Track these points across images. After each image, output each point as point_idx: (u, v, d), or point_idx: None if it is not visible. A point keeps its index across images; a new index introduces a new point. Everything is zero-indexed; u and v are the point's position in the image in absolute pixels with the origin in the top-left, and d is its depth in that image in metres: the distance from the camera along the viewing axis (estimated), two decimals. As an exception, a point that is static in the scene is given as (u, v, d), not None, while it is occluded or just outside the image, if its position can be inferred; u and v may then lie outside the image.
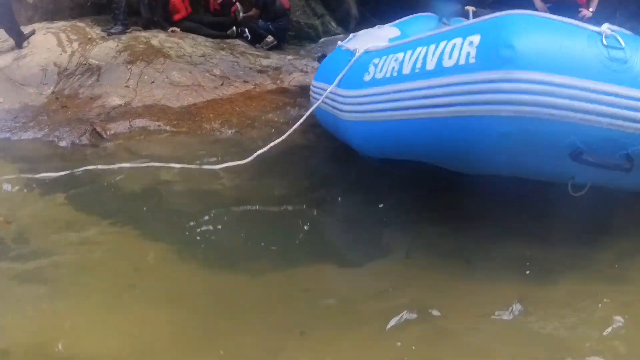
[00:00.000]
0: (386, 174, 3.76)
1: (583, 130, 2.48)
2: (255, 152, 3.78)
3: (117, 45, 5.94)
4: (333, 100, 3.77)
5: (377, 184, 3.72)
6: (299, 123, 3.92)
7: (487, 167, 2.85)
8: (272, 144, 3.83)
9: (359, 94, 3.42)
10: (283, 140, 3.86)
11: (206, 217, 3.27)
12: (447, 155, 2.96)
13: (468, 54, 2.61)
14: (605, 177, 2.66)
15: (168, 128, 4.71)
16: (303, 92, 5.53)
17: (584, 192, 2.73)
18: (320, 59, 5.14)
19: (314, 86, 4.32)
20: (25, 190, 3.74)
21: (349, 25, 7.29)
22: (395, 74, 3.10)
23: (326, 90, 3.82)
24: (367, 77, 3.38)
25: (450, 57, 2.70)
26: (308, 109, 4.64)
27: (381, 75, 3.24)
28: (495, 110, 2.50)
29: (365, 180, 3.82)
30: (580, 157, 2.51)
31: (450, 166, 3.12)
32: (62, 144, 4.56)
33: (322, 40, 7.11)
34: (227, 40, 6.55)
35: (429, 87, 2.80)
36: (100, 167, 3.88)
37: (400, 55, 3.13)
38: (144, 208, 3.52)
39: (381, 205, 3.39)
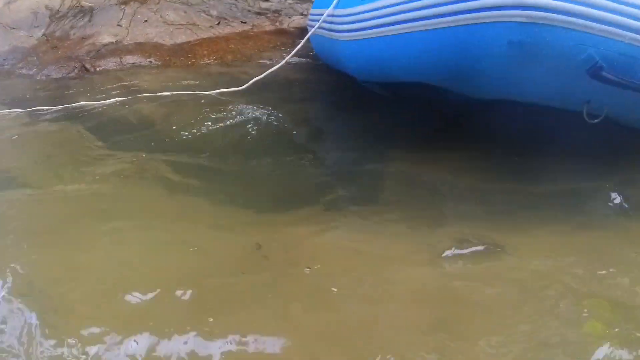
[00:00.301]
0: (385, 104, 3.53)
1: (603, 44, 2.19)
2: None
3: (111, -13, 5.71)
4: (330, 22, 3.55)
5: (376, 115, 3.49)
6: (297, 48, 3.73)
7: (495, 87, 2.59)
8: (269, 70, 3.64)
9: (357, 10, 3.19)
10: (280, 75, 3.66)
11: (199, 142, 3.06)
12: (452, 73, 2.67)
13: None
14: (624, 104, 2.40)
15: (160, 64, 4.51)
16: (303, 34, 5.29)
17: (600, 119, 2.45)
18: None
19: (312, 14, 4.09)
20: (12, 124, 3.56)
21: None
22: None
23: (323, 14, 3.60)
24: (366, -8, 3.15)
25: None
26: (308, 46, 4.44)
27: None
28: (504, 15, 2.22)
29: (362, 110, 3.59)
30: (600, 74, 2.21)
31: (456, 87, 2.84)
32: (50, 81, 4.37)
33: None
34: (225, -17, 6.29)
35: None
36: (91, 103, 3.66)
37: None
38: (129, 137, 3.32)
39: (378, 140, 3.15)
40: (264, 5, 5.84)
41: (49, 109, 3.63)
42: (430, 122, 3.21)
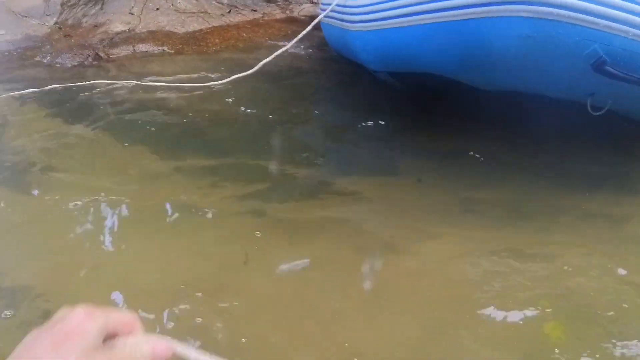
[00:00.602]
0: (394, 93, 3.56)
1: (607, 39, 2.24)
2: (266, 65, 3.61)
3: (122, -24, 5.74)
4: (342, 12, 3.58)
5: (384, 103, 3.52)
6: (305, 31, 3.73)
7: (503, 78, 2.65)
8: (277, 52, 3.66)
9: (368, 2, 3.23)
10: (289, 62, 3.70)
11: (206, 125, 3.11)
12: (462, 64, 2.73)
13: None
14: (627, 98, 2.45)
15: (172, 52, 4.55)
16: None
17: (604, 112, 2.51)
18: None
19: (323, 3, 4.12)
20: (27, 106, 3.61)
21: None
22: None
23: (337, 4, 3.64)
24: (378, -16, 3.20)
25: None
26: (319, 34, 4.47)
27: None
28: (513, 10, 2.30)
29: (371, 98, 3.63)
30: (603, 68, 2.26)
31: (465, 78, 2.89)
32: (65, 68, 4.41)
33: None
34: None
35: None
36: (104, 81, 3.73)
37: None
38: (137, 120, 3.37)
39: (383, 123, 3.18)
40: (274, -7, 5.87)
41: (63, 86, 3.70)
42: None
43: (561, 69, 2.37)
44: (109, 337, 0.46)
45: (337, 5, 3.71)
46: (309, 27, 3.64)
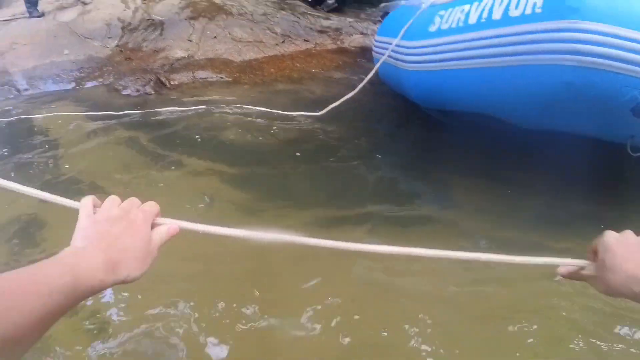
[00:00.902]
0: (447, 130, 3.67)
1: None
2: (324, 100, 3.76)
3: (180, 2, 5.98)
4: (396, 52, 3.72)
5: (436, 140, 3.63)
6: (369, 76, 3.89)
7: (547, 120, 2.80)
8: (345, 98, 3.82)
9: (424, 44, 3.39)
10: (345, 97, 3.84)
11: (265, 156, 3.25)
12: (509, 106, 2.91)
13: (535, 4, 2.59)
14: None
15: (230, 80, 4.71)
16: (363, 53, 5.48)
17: None
18: (383, 16, 5.07)
19: (377, 41, 4.26)
20: (92, 129, 3.79)
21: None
22: (461, 24, 3.10)
23: (390, 44, 3.77)
24: (432, 28, 3.38)
25: (517, 7, 2.70)
26: (369, 66, 4.60)
27: (447, 25, 3.24)
28: (558, 59, 2.46)
29: (424, 136, 3.73)
30: None
31: (511, 118, 3.05)
32: (127, 91, 4.61)
33: (383, 5, 6.99)
34: (287, 1, 6.51)
35: (494, 37, 2.79)
36: (177, 108, 3.91)
37: (467, 6, 3.13)
38: (203, 145, 3.51)
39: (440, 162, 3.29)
40: (325, 23, 6.05)
41: (132, 112, 3.87)
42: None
43: (602, 113, 2.52)
44: None
45: (389, 43, 3.85)
46: (370, 74, 3.80)
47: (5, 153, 3.39)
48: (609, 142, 2.77)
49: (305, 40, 5.55)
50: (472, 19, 2.98)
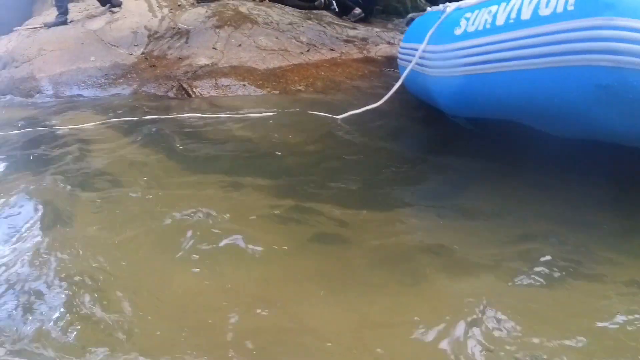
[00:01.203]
0: (475, 137, 3.52)
1: None
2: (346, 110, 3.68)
3: (206, 12, 5.98)
4: (422, 57, 3.60)
5: (464, 147, 3.48)
6: (397, 85, 3.79)
7: (581, 128, 2.59)
8: (367, 107, 3.73)
9: (450, 47, 3.23)
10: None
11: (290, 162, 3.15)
12: (540, 111, 2.71)
13: (567, 1, 2.39)
14: None
15: (253, 87, 4.66)
16: (389, 63, 5.37)
17: None
18: (408, 22, 4.95)
19: (402, 47, 4.15)
20: (113, 134, 3.76)
21: (438, 3, 7.03)
22: (488, 26, 2.92)
23: (416, 50, 3.65)
24: (458, 31, 3.20)
25: (547, 5, 2.50)
26: (396, 75, 4.49)
27: (473, 28, 3.06)
28: (593, 59, 2.26)
29: (453, 144, 3.59)
30: None
31: (542, 126, 2.86)
32: (150, 96, 4.59)
33: (410, 15, 6.89)
34: (314, 11, 6.46)
35: (523, 37, 2.60)
36: (198, 115, 3.87)
37: (494, 7, 2.94)
38: (222, 151, 3.44)
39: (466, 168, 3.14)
40: (352, 33, 5.97)
41: (153, 118, 3.84)
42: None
43: None
44: None
45: (414, 49, 3.74)
46: (397, 85, 3.70)
47: (31, 158, 3.38)
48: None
49: (330, 49, 5.47)
50: (500, 20, 2.80)
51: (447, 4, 3.58)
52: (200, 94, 4.59)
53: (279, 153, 3.32)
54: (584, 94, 2.34)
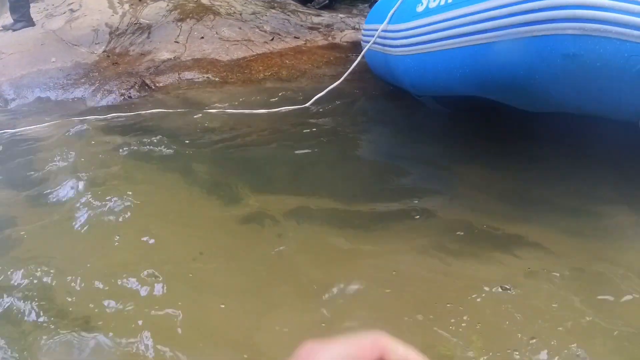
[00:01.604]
0: (438, 116, 3.52)
1: None
2: (313, 96, 3.63)
3: (167, 5, 5.89)
4: (384, 37, 3.56)
5: (429, 126, 3.48)
6: (353, 65, 3.75)
7: (549, 100, 2.55)
8: (329, 88, 3.68)
9: (412, 25, 3.20)
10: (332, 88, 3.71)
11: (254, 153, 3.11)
12: (506, 86, 2.66)
13: None
14: None
15: (217, 79, 4.59)
16: (355, 49, 5.33)
17: None
18: (371, 5, 4.93)
19: (365, 29, 4.11)
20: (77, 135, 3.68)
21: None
22: (450, 0, 2.87)
23: (377, 30, 3.63)
24: (420, 8, 3.16)
25: None
26: (361, 60, 4.46)
27: (435, 4, 3.02)
28: (558, 28, 2.22)
29: (417, 122, 3.58)
30: None
31: (510, 100, 2.82)
32: (112, 95, 4.51)
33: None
34: (278, 0, 6.40)
35: (486, 10, 2.55)
36: (161, 110, 3.83)
37: None
38: (187, 147, 3.39)
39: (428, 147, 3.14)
40: (316, 20, 5.92)
41: (114, 116, 3.77)
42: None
43: (610, 88, 2.27)
44: None
45: (377, 30, 3.70)
46: (356, 62, 3.67)
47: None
48: (618, 121, 2.50)
49: (295, 37, 5.42)
50: None
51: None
52: (163, 89, 4.51)
53: (247, 145, 3.29)
54: (550, 65, 2.29)
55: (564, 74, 2.29)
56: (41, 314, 1.79)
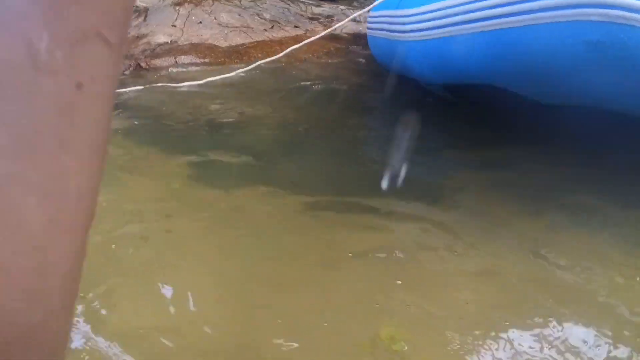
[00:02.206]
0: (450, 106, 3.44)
1: None
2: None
3: (165, -11, 5.75)
4: (392, 23, 3.45)
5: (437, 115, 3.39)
6: (344, 22, 3.67)
7: (568, 92, 2.45)
8: (305, 42, 3.66)
9: (425, 9, 3.08)
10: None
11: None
12: (523, 75, 2.55)
13: None
14: None
15: (214, 64, 4.49)
16: (355, 40, 5.27)
17: None
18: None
19: (370, 17, 4.01)
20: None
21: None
22: None
23: (387, 16, 3.53)
24: (433, -8, 3.05)
25: None
26: (363, 53, 4.40)
27: None
28: (581, 14, 2.10)
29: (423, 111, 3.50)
30: None
31: (526, 91, 2.70)
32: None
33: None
34: (278, -11, 6.29)
35: None
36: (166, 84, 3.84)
37: None
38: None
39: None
40: (317, 10, 5.81)
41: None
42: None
43: (636, 80, 2.14)
44: None
45: (385, 16, 3.60)
46: (347, 20, 3.60)
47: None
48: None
49: (295, 26, 5.32)
50: None
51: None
52: (158, 71, 4.40)
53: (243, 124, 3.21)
54: (571, 53, 2.18)
55: (586, 62, 2.18)
56: None
